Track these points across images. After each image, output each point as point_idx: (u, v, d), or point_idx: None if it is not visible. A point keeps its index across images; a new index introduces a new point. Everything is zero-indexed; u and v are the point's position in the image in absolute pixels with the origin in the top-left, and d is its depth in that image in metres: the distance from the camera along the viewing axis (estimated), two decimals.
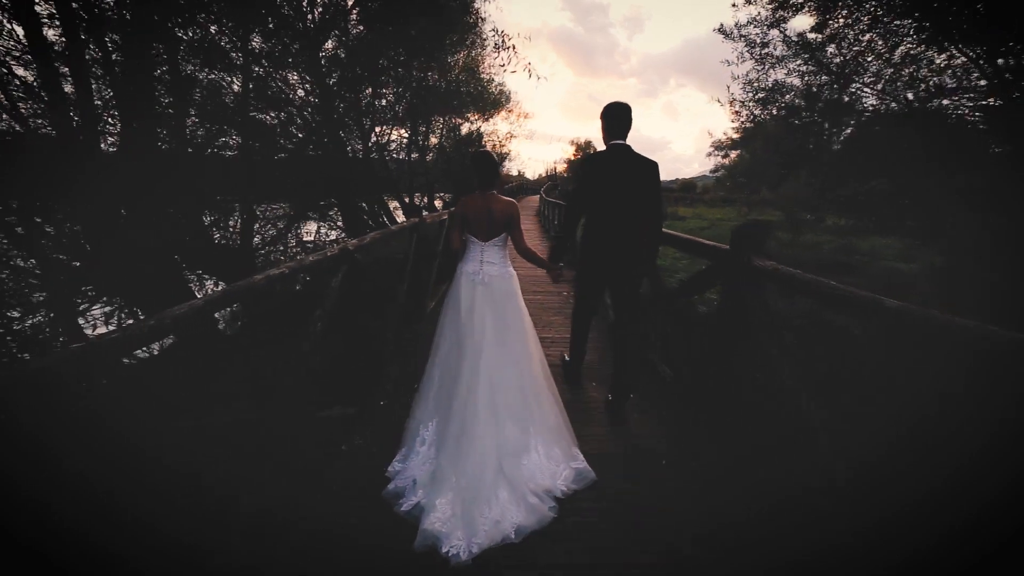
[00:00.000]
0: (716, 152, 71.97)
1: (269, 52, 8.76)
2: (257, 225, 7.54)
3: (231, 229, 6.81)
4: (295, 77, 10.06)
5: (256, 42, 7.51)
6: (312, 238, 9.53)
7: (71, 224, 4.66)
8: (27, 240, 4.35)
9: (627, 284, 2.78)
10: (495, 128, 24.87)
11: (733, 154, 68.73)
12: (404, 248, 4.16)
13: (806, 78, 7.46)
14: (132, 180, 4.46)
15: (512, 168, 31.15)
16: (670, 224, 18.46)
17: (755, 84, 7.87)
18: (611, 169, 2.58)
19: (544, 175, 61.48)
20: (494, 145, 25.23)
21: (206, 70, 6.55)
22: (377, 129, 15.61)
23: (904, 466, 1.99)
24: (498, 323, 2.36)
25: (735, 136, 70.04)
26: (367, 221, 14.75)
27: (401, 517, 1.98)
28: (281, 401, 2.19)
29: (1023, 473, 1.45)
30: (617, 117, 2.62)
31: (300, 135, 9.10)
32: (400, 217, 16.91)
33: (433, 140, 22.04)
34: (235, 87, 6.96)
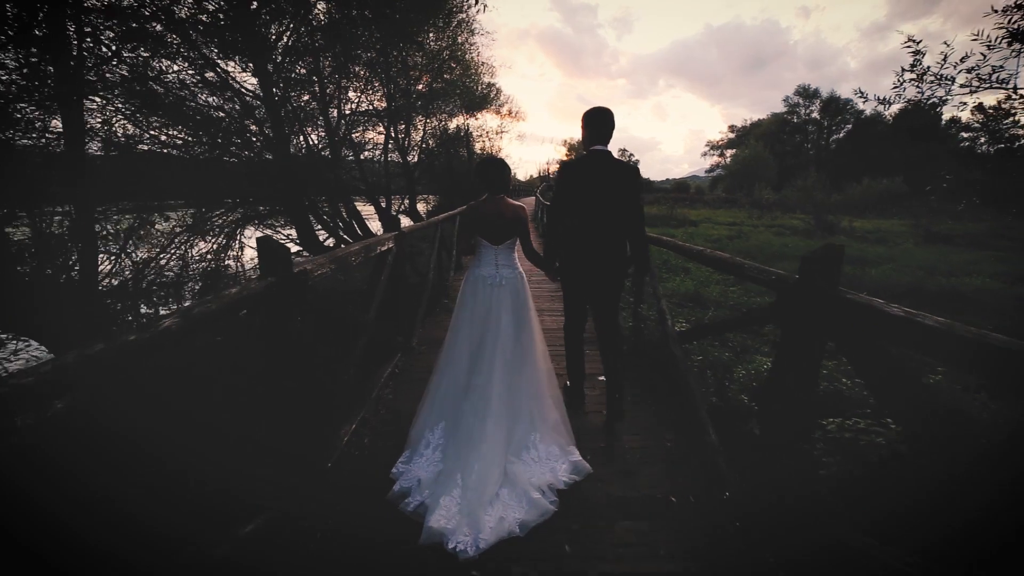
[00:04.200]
0: (712, 151, 70.86)
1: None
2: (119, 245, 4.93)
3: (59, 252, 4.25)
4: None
5: None
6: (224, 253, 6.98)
7: None
8: None
9: (609, 292, 2.63)
10: (484, 123, 22.82)
11: (728, 153, 67.24)
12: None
13: None
14: None
15: None
16: (683, 231, 16.05)
17: None
18: (590, 175, 2.45)
19: (536, 176, 59.26)
20: (483, 146, 23.11)
21: None
22: (346, 123, 13.15)
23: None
24: (514, 324, 2.37)
25: (731, 135, 69.01)
26: (337, 230, 12.26)
27: (407, 516, 1.98)
28: None
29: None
30: (598, 122, 2.48)
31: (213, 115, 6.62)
32: (376, 227, 14.37)
33: (415, 137, 19.79)
34: None
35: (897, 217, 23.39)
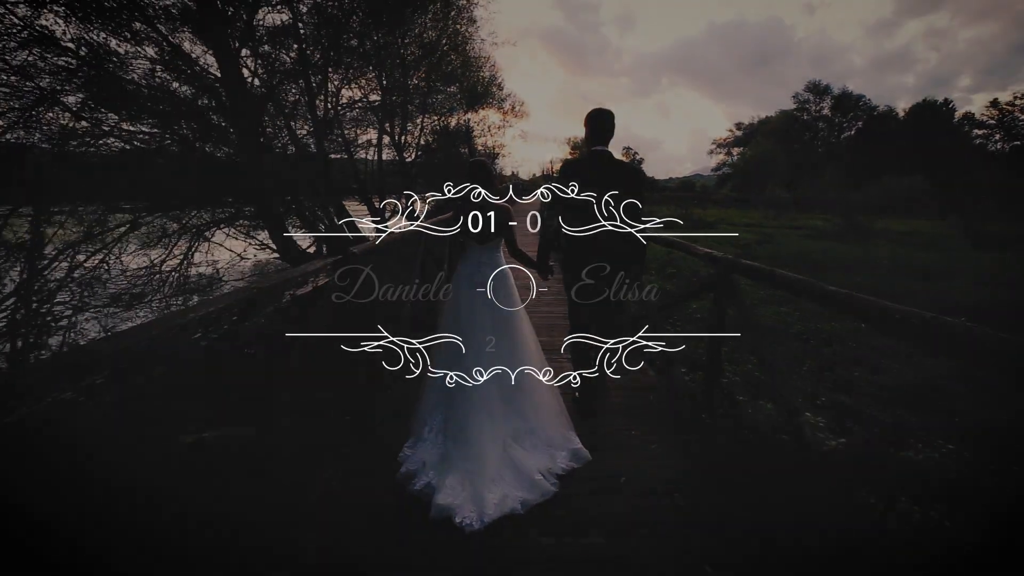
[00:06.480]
0: (718, 150, 69.25)
1: None
2: None
3: None
4: None
5: None
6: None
7: None
8: None
9: (608, 294, 2.64)
10: (485, 118, 21.63)
11: (735, 151, 65.62)
12: None
13: None
14: None
15: (506, 167, 28.02)
16: (695, 230, 14.72)
17: None
18: (591, 175, 2.48)
19: (540, 175, 57.85)
20: (485, 142, 21.94)
21: None
22: (335, 112, 11.89)
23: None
24: (497, 318, 2.46)
25: (738, 133, 67.48)
26: (317, 227, 11.00)
27: (414, 496, 2.09)
28: None
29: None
30: (600, 123, 2.55)
31: None
32: (365, 225, 13.12)
33: (414, 132, 18.58)
34: None
35: (925, 217, 22.02)
